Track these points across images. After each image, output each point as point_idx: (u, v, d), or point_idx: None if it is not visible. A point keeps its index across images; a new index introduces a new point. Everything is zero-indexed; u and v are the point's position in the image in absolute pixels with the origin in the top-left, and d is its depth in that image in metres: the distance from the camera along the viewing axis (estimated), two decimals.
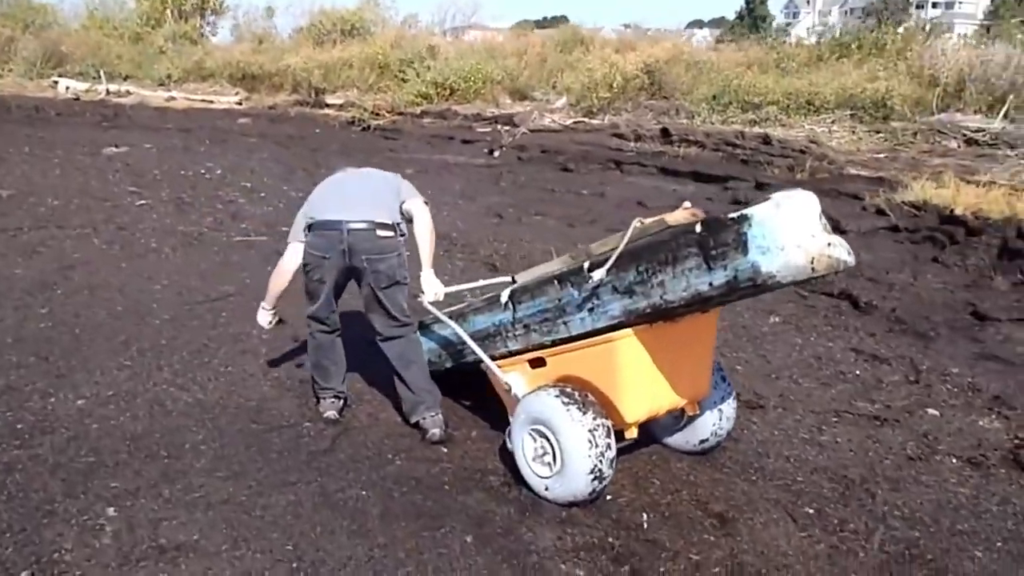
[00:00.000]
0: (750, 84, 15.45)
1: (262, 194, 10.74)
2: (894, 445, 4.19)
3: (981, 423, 4.44)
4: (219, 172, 12.29)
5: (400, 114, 18.01)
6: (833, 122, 14.08)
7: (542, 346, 3.71)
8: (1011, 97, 12.50)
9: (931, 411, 4.60)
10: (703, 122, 14.85)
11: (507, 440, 3.75)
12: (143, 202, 10.03)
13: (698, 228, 3.01)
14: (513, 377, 3.81)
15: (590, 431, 3.36)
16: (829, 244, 2.84)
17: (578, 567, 3.13)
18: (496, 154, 13.98)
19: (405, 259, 4.15)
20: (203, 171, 12.38)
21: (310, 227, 4.09)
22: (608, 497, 3.61)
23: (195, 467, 3.76)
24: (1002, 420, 4.46)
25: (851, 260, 2.92)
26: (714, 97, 15.63)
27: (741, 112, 14.97)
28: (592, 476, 3.37)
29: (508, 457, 3.83)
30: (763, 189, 10.50)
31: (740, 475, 3.86)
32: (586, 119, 16.46)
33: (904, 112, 13.58)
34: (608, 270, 3.30)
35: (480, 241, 8.34)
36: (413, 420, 4.23)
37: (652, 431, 4.01)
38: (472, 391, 4.43)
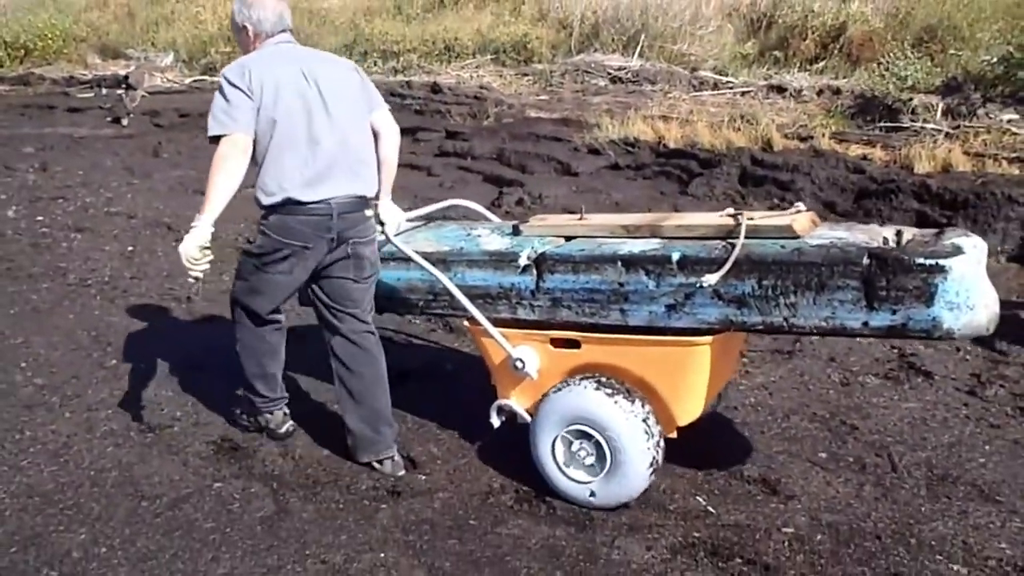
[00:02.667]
0: (383, 32, 15.06)
1: None
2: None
3: None
4: None
5: None
6: (477, 67, 14.27)
7: (571, 326, 3.19)
8: (643, 36, 13.59)
9: None
10: None
11: (492, 414, 3.33)
12: None
13: (866, 261, 2.67)
14: (527, 352, 3.23)
15: (644, 421, 3.00)
16: (995, 299, 2.68)
17: (687, 569, 2.76)
18: (125, 122, 12.07)
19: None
20: None
21: (280, 205, 3.08)
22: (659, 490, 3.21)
23: None
24: None
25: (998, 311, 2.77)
26: (347, 47, 15.00)
27: (382, 61, 14.55)
28: (651, 469, 3.02)
29: (510, 463, 3.35)
30: (454, 138, 10.33)
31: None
32: (207, 77, 14.92)
33: (545, 54, 14.17)
34: (723, 274, 2.82)
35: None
36: (365, 460, 3.38)
37: None
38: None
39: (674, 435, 3.15)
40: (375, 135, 3.31)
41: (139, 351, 4.53)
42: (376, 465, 3.36)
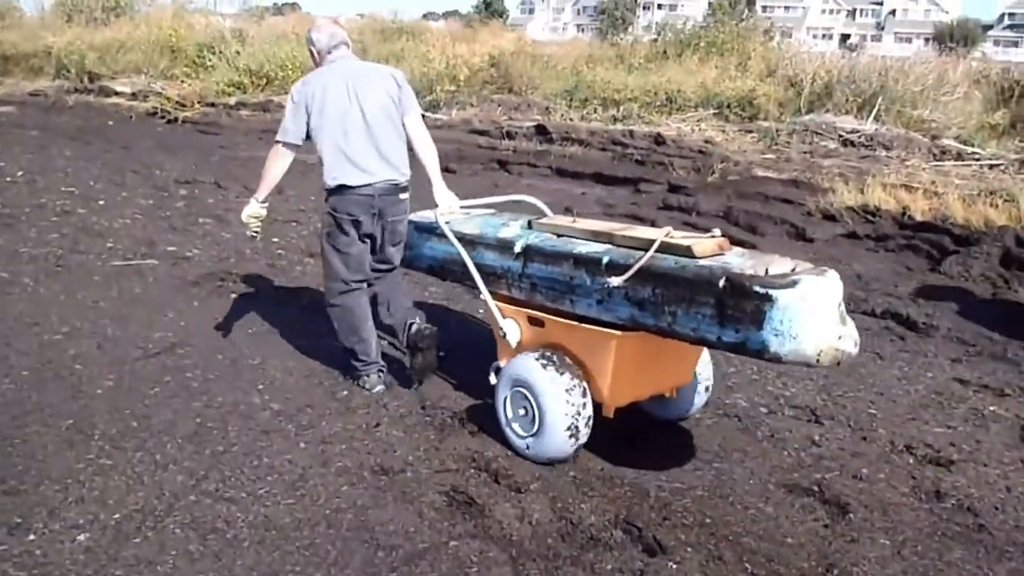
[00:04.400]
0: (605, 80, 15.06)
1: (100, 201, 8.84)
2: None
3: None
4: (22, 175, 10.09)
5: (211, 105, 15.99)
6: (699, 120, 14.00)
7: (543, 308, 3.82)
8: (880, 99, 12.91)
9: None
10: (563, 119, 14.28)
11: (491, 374, 4.01)
12: None
13: (721, 283, 3.07)
14: (510, 325, 3.95)
15: (567, 391, 3.57)
16: (839, 337, 2.96)
17: None
18: None
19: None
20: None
21: (337, 188, 4.12)
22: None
23: None
24: None
25: (855, 352, 3.05)
26: (568, 92, 15.11)
27: (602, 109, 14.54)
28: (571, 435, 3.58)
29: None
30: (677, 192, 10.07)
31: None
32: (428, 113, 15.39)
33: (772, 112, 13.72)
34: (626, 279, 3.37)
35: None
36: (405, 330, 4.34)
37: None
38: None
39: (610, 415, 3.69)
40: (409, 135, 4.26)
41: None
42: (413, 325, 4.32)
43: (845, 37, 75.74)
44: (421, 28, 20.12)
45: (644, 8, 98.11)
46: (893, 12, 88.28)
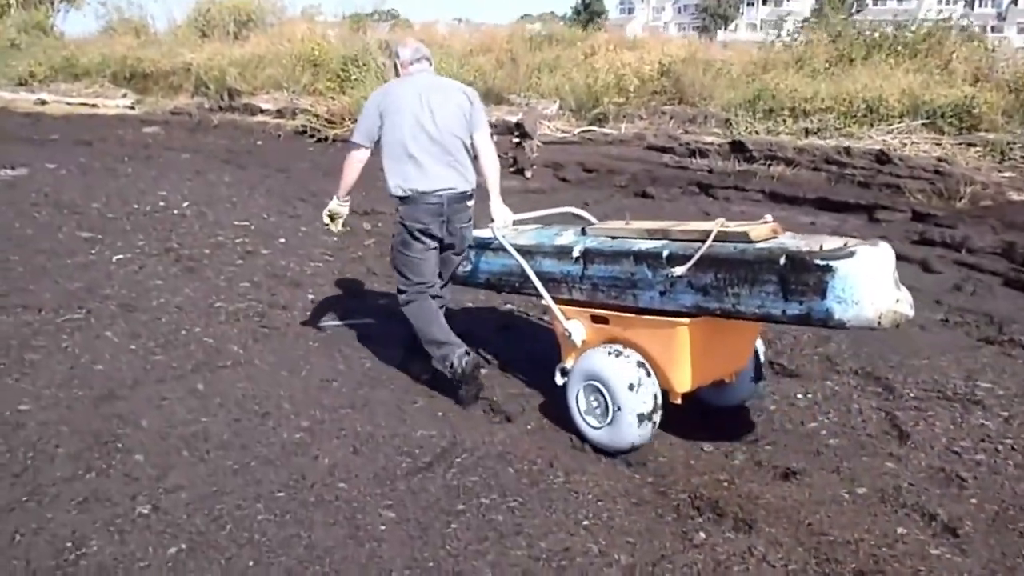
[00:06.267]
0: (790, 88, 13.70)
1: (281, 240, 8.06)
2: None
3: None
4: (186, 204, 9.45)
5: None
6: (908, 132, 12.51)
7: (606, 306, 4.08)
8: None
9: None
10: (748, 132, 13.00)
11: (557, 373, 4.26)
12: (119, 257, 7.21)
13: (782, 260, 3.36)
14: (574, 325, 4.17)
15: (637, 380, 3.82)
16: (897, 300, 3.26)
17: None
18: (529, 174, 11.64)
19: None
20: (162, 203, 9.50)
21: (407, 198, 4.39)
22: None
23: None
24: None
25: (912, 314, 3.34)
26: (749, 103, 13.80)
27: (791, 121, 13.18)
28: (641, 421, 3.82)
29: None
30: (924, 221, 8.74)
31: None
32: (595, 128, 14.32)
33: (996, 122, 12.15)
34: (689, 268, 3.63)
35: None
36: (447, 363, 4.42)
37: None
38: None
39: (678, 401, 3.93)
40: (476, 150, 4.52)
41: None
42: (456, 361, 4.40)
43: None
44: (572, 36, 19.04)
45: (749, 4, 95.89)
46: (1015, 0, 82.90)
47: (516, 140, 13.24)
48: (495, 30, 20.14)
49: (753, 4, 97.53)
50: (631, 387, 3.81)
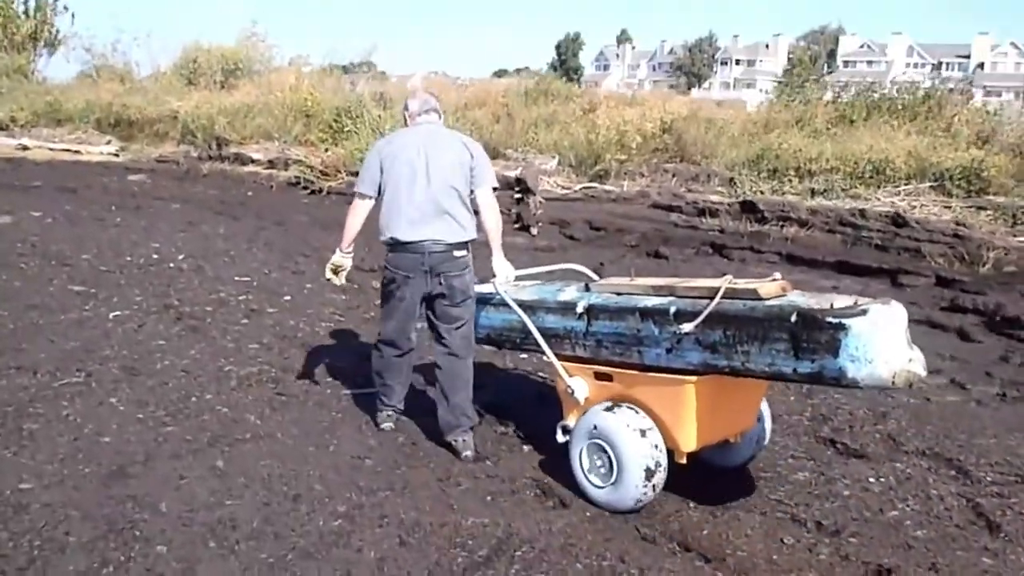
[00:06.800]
0: (794, 147, 13.62)
1: (286, 297, 7.70)
2: None
3: None
4: (181, 257, 9.07)
5: (355, 174, 14.95)
6: (916, 195, 12.42)
7: (610, 363, 4.06)
8: None
9: None
10: (753, 191, 12.87)
11: (559, 431, 4.19)
12: (116, 313, 6.81)
13: (793, 318, 3.32)
14: (577, 382, 4.13)
15: (643, 438, 3.78)
16: (910, 360, 3.20)
17: None
18: (534, 231, 11.37)
19: (474, 274, 4.49)
20: (155, 255, 9.12)
21: (391, 246, 4.40)
22: None
23: None
24: None
25: (924, 374, 3.29)
26: (752, 163, 13.70)
27: (797, 180, 13.07)
28: (647, 480, 3.76)
29: None
30: (950, 287, 8.53)
31: None
32: (596, 184, 14.15)
33: (1006, 185, 12.08)
34: (696, 324, 3.58)
35: None
36: (448, 439, 4.47)
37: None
38: None
39: (683, 461, 3.88)
40: (478, 205, 4.44)
41: None
42: (452, 443, 4.44)
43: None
44: (569, 91, 18.99)
45: (722, 64, 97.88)
46: (981, 65, 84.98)
47: (518, 196, 13.03)
48: (490, 84, 20.00)
49: (727, 64, 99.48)
50: (636, 446, 3.76)
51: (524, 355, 5.68)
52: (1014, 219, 11.30)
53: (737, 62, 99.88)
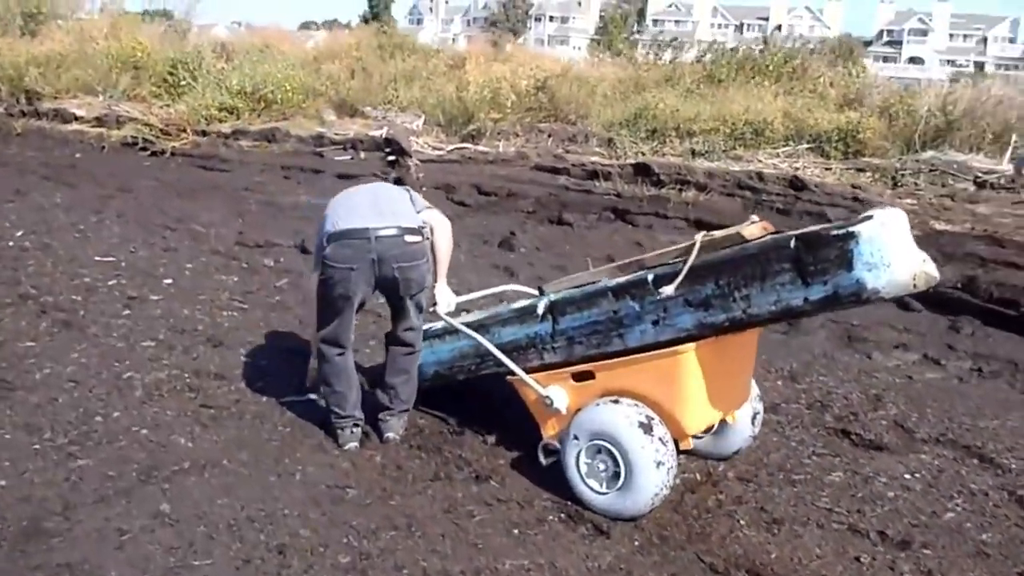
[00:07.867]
0: (672, 108, 13.39)
1: (166, 280, 6.69)
2: None
3: None
4: (19, 234, 7.80)
5: (202, 134, 13.64)
6: (796, 156, 12.47)
7: (587, 359, 3.74)
8: (1015, 137, 11.66)
9: None
10: (635, 153, 12.58)
11: (540, 453, 3.77)
12: None
13: (792, 243, 3.14)
14: (554, 391, 3.77)
15: (648, 430, 3.45)
16: (924, 260, 3.07)
17: None
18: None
19: (431, 264, 4.13)
20: None
21: (330, 238, 3.99)
22: None
23: None
24: None
25: (938, 276, 3.13)
26: (628, 123, 13.39)
27: (679, 141, 12.86)
28: (658, 492, 3.47)
29: None
30: None
31: None
32: (468, 145, 13.47)
33: (882, 148, 12.30)
34: (679, 284, 3.36)
35: None
36: (378, 418, 4.22)
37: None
38: None
39: (690, 446, 3.71)
40: (429, 224, 4.13)
41: None
42: (382, 422, 4.23)
43: None
44: (425, 47, 18.08)
45: (536, 20, 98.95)
46: (779, 27, 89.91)
47: (391, 159, 12.23)
48: (339, 35, 18.81)
49: (540, 20, 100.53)
50: (643, 441, 3.46)
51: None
52: (894, 181, 11.51)
53: (551, 19, 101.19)
